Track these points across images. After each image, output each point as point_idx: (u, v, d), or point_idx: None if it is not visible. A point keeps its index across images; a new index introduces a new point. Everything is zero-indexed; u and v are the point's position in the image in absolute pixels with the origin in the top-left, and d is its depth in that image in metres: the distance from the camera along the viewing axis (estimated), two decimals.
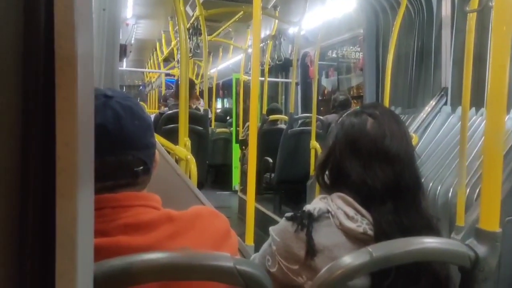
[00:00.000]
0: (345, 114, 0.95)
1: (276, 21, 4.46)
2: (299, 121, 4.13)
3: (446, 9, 2.72)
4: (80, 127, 0.40)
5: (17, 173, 0.42)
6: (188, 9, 4.05)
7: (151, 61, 8.00)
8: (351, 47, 5.47)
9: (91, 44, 0.42)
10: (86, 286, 0.42)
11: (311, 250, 0.82)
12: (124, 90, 11.31)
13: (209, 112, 4.62)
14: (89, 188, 0.43)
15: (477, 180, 1.99)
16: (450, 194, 2.13)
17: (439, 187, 2.19)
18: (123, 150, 0.69)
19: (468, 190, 1.91)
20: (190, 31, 4.07)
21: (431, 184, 2.22)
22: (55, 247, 0.40)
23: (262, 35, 5.06)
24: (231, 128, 6.00)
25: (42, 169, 0.42)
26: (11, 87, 0.41)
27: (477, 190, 1.93)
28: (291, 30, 4.92)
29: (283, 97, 6.35)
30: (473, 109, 2.39)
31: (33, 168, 0.42)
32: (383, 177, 0.85)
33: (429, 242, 0.74)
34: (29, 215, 0.42)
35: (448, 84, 2.72)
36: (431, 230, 0.86)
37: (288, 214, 0.88)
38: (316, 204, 0.89)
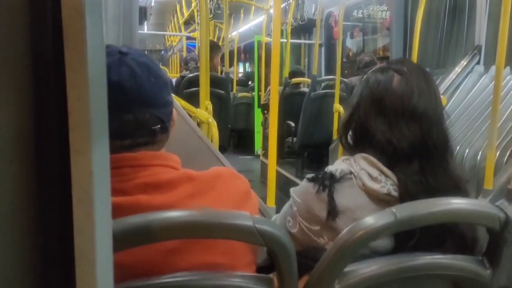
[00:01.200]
0: (370, 70, 0.91)
1: None
2: (322, 84, 4.04)
3: None
4: (91, 79, 0.39)
5: (31, 130, 0.41)
6: None
7: (172, 24, 7.91)
8: (377, 6, 5.23)
9: None
10: (104, 241, 0.42)
11: (333, 211, 0.81)
12: None
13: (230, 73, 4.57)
14: (103, 143, 0.41)
15: (508, 142, 1.92)
16: (478, 158, 2.07)
17: (467, 151, 2.13)
18: (140, 108, 0.68)
19: (498, 153, 1.84)
20: None
21: (458, 147, 2.16)
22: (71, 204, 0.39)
23: None
24: (253, 93, 5.95)
25: (56, 125, 0.41)
26: (19, 39, 0.40)
27: (508, 153, 1.86)
28: None
29: (306, 59, 6.21)
30: (508, 68, 2.27)
31: (46, 124, 0.41)
32: (410, 136, 0.81)
33: (457, 202, 0.71)
34: (46, 171, 0.42)
35: (482, 42, 2.58)
36: (459, 191, 0.83)
37: (310, 175, 0.87)
38: (338, 165, 0.87)
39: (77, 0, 0.37)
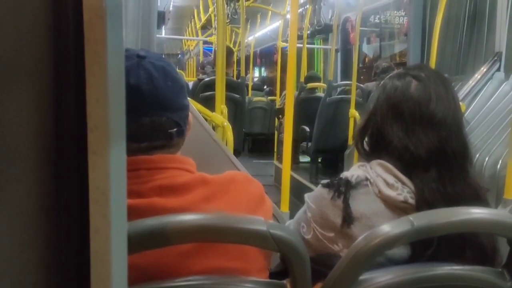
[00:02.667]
0: (388, 76, 0.90)
1: None
2: (338, 89, 4.02)
3: None
4: (110, 82, 0.39)
5: (51, 131, 0.42)
6: None
7: (189, 29, 8.00)
8: (395, 12, 5.19)
9: None
10: (120, 242, 0.42)
11: (348, 217, 0.80)
12: None
13: (246, 79, 4.59)
14: (121, 145, 0.42)
15: None
16: (498, 166, 2.02)
17: (486, 158, 2.09)
18: (157, 111, 0.69)
19: None
20: None
21: (478, 155, 2.12)
22: (88, 205, 0.40)
23: (302, 0, 4.90)
24: (268, 97, 5.95)
25: (75, 126, 0.42)
26: (41, 42, 0.41)
27: None
28: None
29: (322, 64, 6.19)
30: None
31: (65, 125, 0.42)
32: (427, 143, 0.80)
33: (476, 212, 0.69)
34: (64, 172, 0.42)
35: (502, 48, 2.53)
36: (479, 200, 0.81)
37: (325, 181, 0.86)
38: (354, 171, 0.86)
39: (98, 4, 0.38)
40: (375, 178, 0.82)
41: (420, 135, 0.80)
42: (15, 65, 0.40)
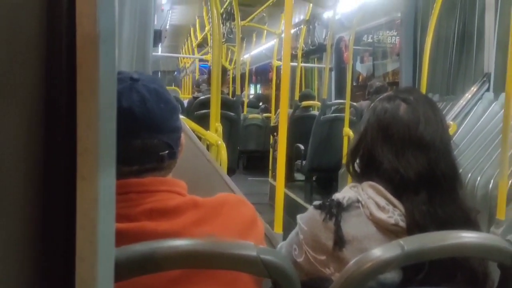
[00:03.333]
0: (377, 99, 0.91)
1: (311, 5, 4.36)
2: (332, 108, 4.06)
3: None
4: (101, 107, 0.39)
5: (39, 155, 0.42)
6: None
7: (186, 46, 8.07)
8: (387, 32, 5.28)
9: (114, 23, 0.41)
10: (107, 270, 0.41)
11: (340, 240, 0.79)
12: (159, 75, 11.50)
13: (242, 96, 4.61)
14: (111, 171, 0.42)
15: None
16: (490, 186, 2.03)
17: (478, 178, 2.09)
18: (149, 133, 0.68)
19: (510, 182, 1.81)
20: (224, 16, 4.05)
21: (469, 175, 2.13)
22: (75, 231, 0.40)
23: (297, 20, 4.98)
24: (263, 114, 5.98)
25: (65, 150, 0.42)
26: (34, 67, 0.41)
27: None
28: (326, 15, 4.80)
29: (316, 83, 6.25)
30: None
31: (55, 149, 0.42)
32: (417, 165, 0.81)
33: (467, 236, 0.70)
34: (51, 197, 0.42)
35: (491, 69, 2.57)
36: (469, 223, 0.81)
37: (316, 203, 0.86)
38: (346, 192, 0.86)
39: (91, 30, 0.38)
40: (367, 200, 0.82)
41: (410, 158, 0.81)
42: (6, 87, 0.40)
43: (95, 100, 0.39)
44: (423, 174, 0.81)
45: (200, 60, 7.30)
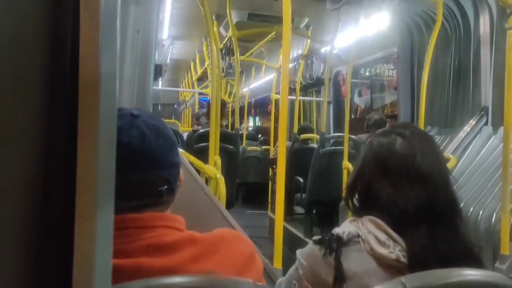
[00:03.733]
0: (374, 134, 0.92)
1: (309, 40, 4.47)
2: (331, 141, 4.07)
3: (484, 27, 2.64)
4: (101, 147, 0.40)
5: (39, 191, 0.42)
6: (221, 30, 4.14)
7: (186, 80, 8.19)
8: (384, 65, 5.39)
9: (115, 66, 0.43)
10: None
11: (340, 276, 0.78)
12: (159, 108, 11.62)
13: (241, 129, 4.64)
14: (109, 209, 0.42)
15: None
16: (493, 220, 2.01)
17: (480, 212, 2.08)
18: (148, 168, 0.69)
19: None
20: (223, 51, 4.14)
21: (471, 209, 2.11)
22: (72, 269, 0.39)
23: (295, 54, 5.09)
24: (262, 146, 6.00)
25: (64, 188, 0.42)
26: (36, 105, 0.42)
27: None
28: (324, 49, 4.92)
29: (315, 115, 6.31)
30: None
31: (54, 187, 0.42)
32: (415, 198, 0.81)
33: (470, 274, 0.69)
34: (49, 235, 0.42)
35: (488, 103, 2.61)
36: (472, 259, 0.80)
37: (316, 238, 0.85)
38: (346, 227, 0.85)
39: (93, 73, 0.40)
40: (367, 235, 0.81)
41: (408, 190, 0.81)
42: (8, 127, 0.41)
43: (95, 139, 0.40)
44: (422, 207, 0.80)
45: (200, 93, 7.39)
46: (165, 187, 0.71)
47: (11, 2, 0.41)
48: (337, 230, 0.84)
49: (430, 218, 0.80)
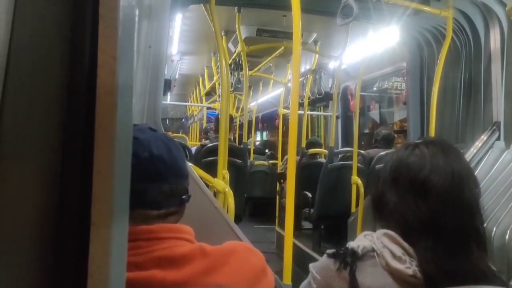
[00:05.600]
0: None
1: (317, 55, 4.49)
2: (340, 155, 4.05)
3: (495, 41, 2.63)
4: (117, 157, 0.40)
5: (55, 200, 0.42)
6: (230, 45, 4.18)
7: (194, 95, 8.26)
8: (393, 79, 5.37)
9: (131, 76, 0.43)
10: None
11: None
12: (167, 122, 11.72)
13: (248, 143, 4.64)
14: (123, 218, 0.42)
15: None
16: (507, 237, 1.97)
17: (494, 228, 2.04)
18: (175, 178, 0.73)
19: None
20: (232, 66, 4.18)
21: (485, 225, 2.07)
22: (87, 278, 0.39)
23: (303, 69, 5.12)
24: (270, 161, 5.99)
25: (79, 198, 0.42)
26: (55, 117, 0.42)
27: None
28: (332, 64, 4.94)
29: (323, 130, 6.30)
30: None
31: (69, 197, 0.42)
32: (417, 212, 0.79)
33: None
34: (64, 244, 0.42)
35: (500, 118, 2.58)
36: (487, 282, 0.77)
37: (330, 251, 0.83)
38: (360, 241, 0.84)
39: (110, 83, 0.40)
40: (382, 249, 0.80)
41: (411, 203, 0.80)
42: (26, 137, 0.41)
43: (111, 148, 0.40)
44: (424, 221, 0.78)
45: (208, 108, 7.44)
46: (185, 195, 0.75)
47: (30, 14, 0.42)
48: (351, 244, 0.83)
49: (434, 234, 0.78)
